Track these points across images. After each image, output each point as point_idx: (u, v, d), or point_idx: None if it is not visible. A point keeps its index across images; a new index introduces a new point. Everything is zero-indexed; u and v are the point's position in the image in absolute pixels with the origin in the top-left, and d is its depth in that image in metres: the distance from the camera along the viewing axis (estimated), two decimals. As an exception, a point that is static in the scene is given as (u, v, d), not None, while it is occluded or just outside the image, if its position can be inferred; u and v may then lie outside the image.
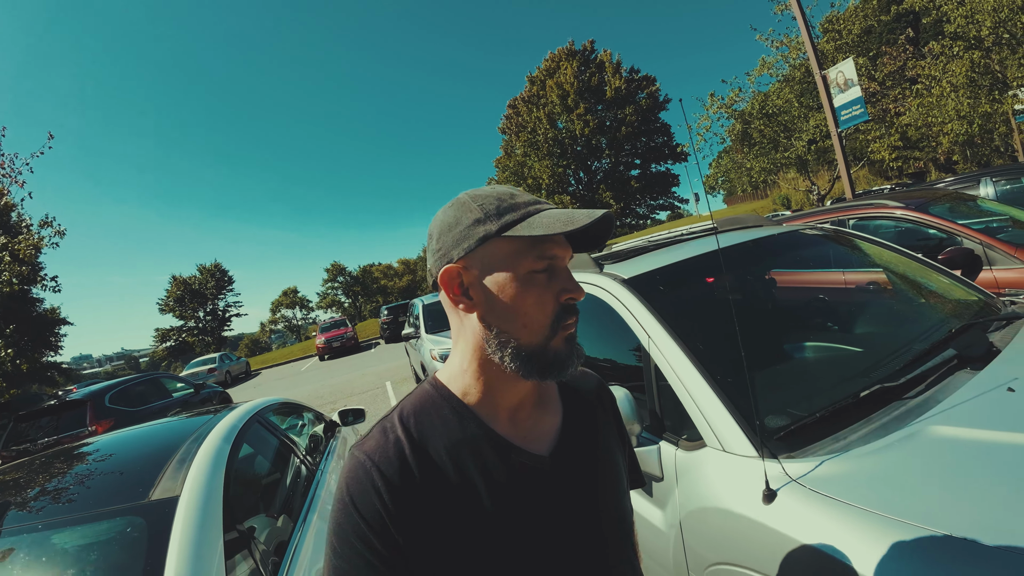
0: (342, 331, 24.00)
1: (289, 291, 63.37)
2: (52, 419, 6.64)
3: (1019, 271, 3.57)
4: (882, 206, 4.42)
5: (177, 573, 1.16)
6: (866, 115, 10.50)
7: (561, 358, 0.69)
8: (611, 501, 0.79)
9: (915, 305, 2.33)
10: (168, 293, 50.67)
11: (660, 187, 28.61)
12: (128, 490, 1.54)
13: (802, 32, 11.08)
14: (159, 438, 2.02)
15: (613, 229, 0.72)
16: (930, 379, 1.48)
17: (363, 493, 0.65)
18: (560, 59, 27.25)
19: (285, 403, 2.89)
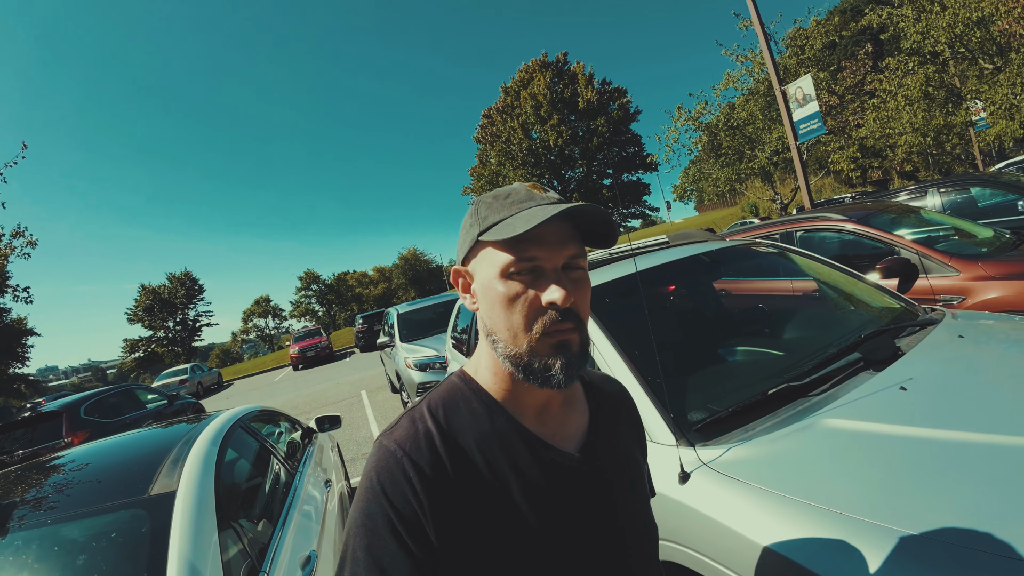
0: (316, 340, 23.79)
1: (261, 300, 62.41)
2: (27, 431, 6.57)
3: (953, 279, 3.82)
4: (827, 219, 4.69)
5: (180, 558, 1.33)
6: (823, 129, 11.01)
7: (545, 365, 0.67)
8: (637, 503, 0.80)
9: (838, 313, 2.60)
10: (137, 303, 49.46)
11: (632, 196, 29.25)
12: (129, 487, 1.71)
13: (763, 49, 11.59)
14: (150, 442, 2.17)
15: (607, 220, 0.70)
16: (835, 379, 1.73)
17: (394, 483, 0.65)
18: (534, 70, 27.78)
19: (264, 410, 3.05)
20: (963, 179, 6.78)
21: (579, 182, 28.54)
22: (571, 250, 0.68)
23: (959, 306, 3.71)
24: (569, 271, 0.68)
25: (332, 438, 4.14)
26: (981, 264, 3.76)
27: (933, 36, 11.76)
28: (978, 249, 4.17)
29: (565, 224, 0.68)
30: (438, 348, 6.98)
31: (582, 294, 0.69)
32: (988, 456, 1.19)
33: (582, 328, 0.68)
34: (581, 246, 0.70)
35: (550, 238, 0.67)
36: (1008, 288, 3.56)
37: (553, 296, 0.65)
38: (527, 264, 0.67)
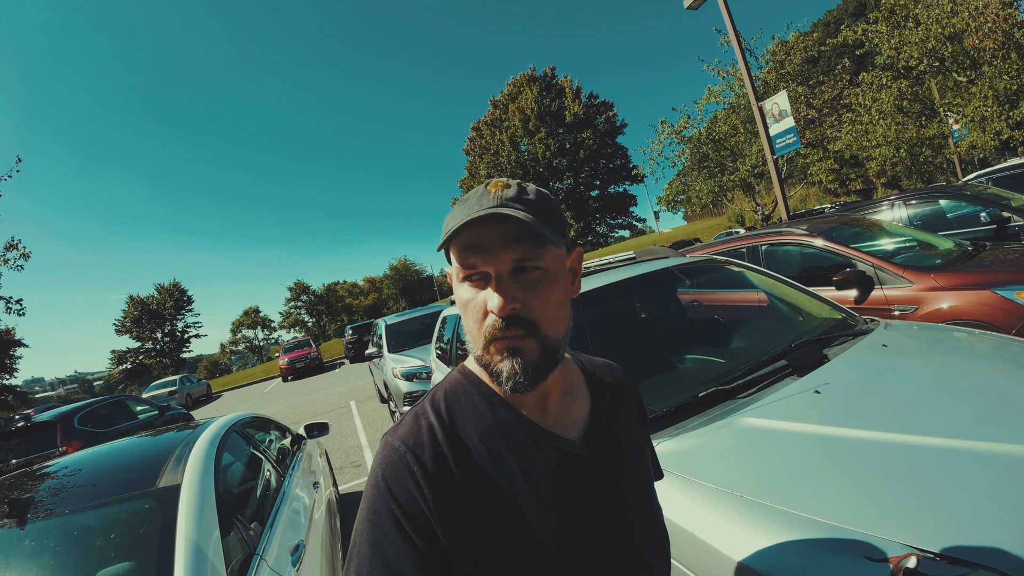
0: (306, 351, 23.87)
1: (251, 311, 62.06)
2: (21, 441, 6.68)
3: (906, 289, 4.05)
4: (790, 233, 4.94)
5: (187, 540, 1.54)
6: (799, 143, 11.37)
7: (497, 370, 0.68)
8: (642, 486, 0.81)
9: (782, 323, 2.85)
10: (125, 314, 49.18)
11: (618, 207, 29.70)
12: (138, 481, 1.92)
13: (740, 66, 11.97)
14: (153, 445, 2.37)
15: (532, 223, 0.65)
16: (762, 383, 1.97)
17: (398, 479, 0.66)
18: (522, 84, 28.30)
19: (256, 417, 3.26)
20: (929, 192, 7.06)
21: (567, 193, 28.96)
22: (516, 253, 0.66)
23: (912, 315, 3.94)
24: (523, 274, 0.67)
25: (320, 445, 4.32)
26: (933, 275, 3.98)
27: (906, 51, 12.20)
28: (933, 261, 4.37)
29: (510, 225, 0.66)
30: (425, 358, 7.18)
31: (537, 297, 0.67)
32: (875, 451, 1.42)
33: (536, 332, 0.67)
34: (534, 246, 0.67)
35: (489, 243, 0.66)
36: (958, 298, 3.78)
37: (490, 305, 0.66)
38: (471, 270, 0.68)
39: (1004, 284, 3.65)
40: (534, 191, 0.71)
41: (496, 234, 0.66)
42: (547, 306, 0.68)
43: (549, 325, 0.68)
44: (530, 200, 0.68)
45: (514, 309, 0.65)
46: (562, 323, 0.71)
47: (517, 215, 0.64)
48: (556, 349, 0.69)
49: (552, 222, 0.68)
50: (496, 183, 0.71)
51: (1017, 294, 3.56)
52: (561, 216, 0.72)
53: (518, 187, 0.70)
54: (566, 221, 0.74)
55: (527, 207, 0.67)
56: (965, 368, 1.98)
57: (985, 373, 1.93)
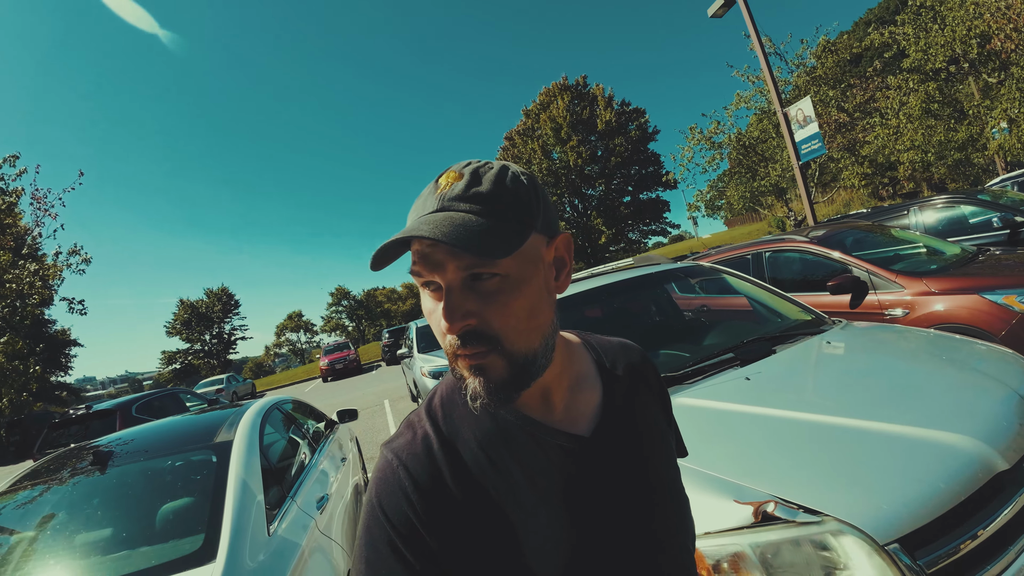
0: (345, 353, 24.79)
1: (294, 315, 64.08)
2: (81, 428, 7.38)
3: (898, 294, 4.17)
4: (792, 240, 5.16)
5: (237, 479, 2.00)
6: (823, 149, 11.39)
7: (464, 384, 0.61)
8: (661, 478, 0.75)
9: (755, 323, 3.17)
10: (175, 316, 51.72)
11: (651, 213, 29.73)
12: (199, 438, 2.43)
13: (764, 72, 12.06)
14: (211, 417, 2.89)
15: (455, 237, 0.54)
16: (709, 372, 2.31)
17: (391, 496, 0.62)
18: (554, 93, 28.68)
19: (295, 401, 3.79)
20: (942, 199, 7.14)
21: (598, 200, 29.21)
22: (464, 261, 0.56)
23: (904, 319, 4.08)
24: (479, 282, 0.58)
25: (352, 432, 4.82)
26: (925, 280, 4.10)
27: (932, 54, 12.08)
28: (928, 266, 4.52)
29: (455, 228, 0.56)
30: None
31: (495, 309, 0.58)
32: (769, 424, 1.78)
33: (498, 347, 0.59)
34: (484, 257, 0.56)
35: (431, 253, 0.58)
36: (947, 302, 3.89)
37: (442, 323, 0.58)
38: (422, 280, 0.60)
39: (992, 288, 3.75)
40: (492, 178, 0.60)
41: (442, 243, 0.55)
42: (509, 317, 0.59)
43: (515, 337, 0.59)
44: (482, 194, 0.58)
45: (467, 326, 0.57)
46: (536, 330, 0.62)
47: (436, 236, 0.53)
48: (530, 362, 0.61)
49: (513, 215, 0.59)
50: (448, 175, 0.62)
51: (1005, 298, 3.65)
52: (528, 202, 0.61)
53: (471, 176, 0.60)
54: (539, 205, 0.63)
55: (476, 204, 0.58)
56: (883, 362, 2.29)
57: (898, 367, 2.23)
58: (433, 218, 0.57)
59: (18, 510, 2.25)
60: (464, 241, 0.53)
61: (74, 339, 35.42)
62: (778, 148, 17.25)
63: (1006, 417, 1.67)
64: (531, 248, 0.62)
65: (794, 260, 5.24)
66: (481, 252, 0.54)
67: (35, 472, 2.54)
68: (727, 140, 17.70)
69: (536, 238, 0.63)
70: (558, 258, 0.68)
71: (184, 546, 1.74)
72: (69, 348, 35.23)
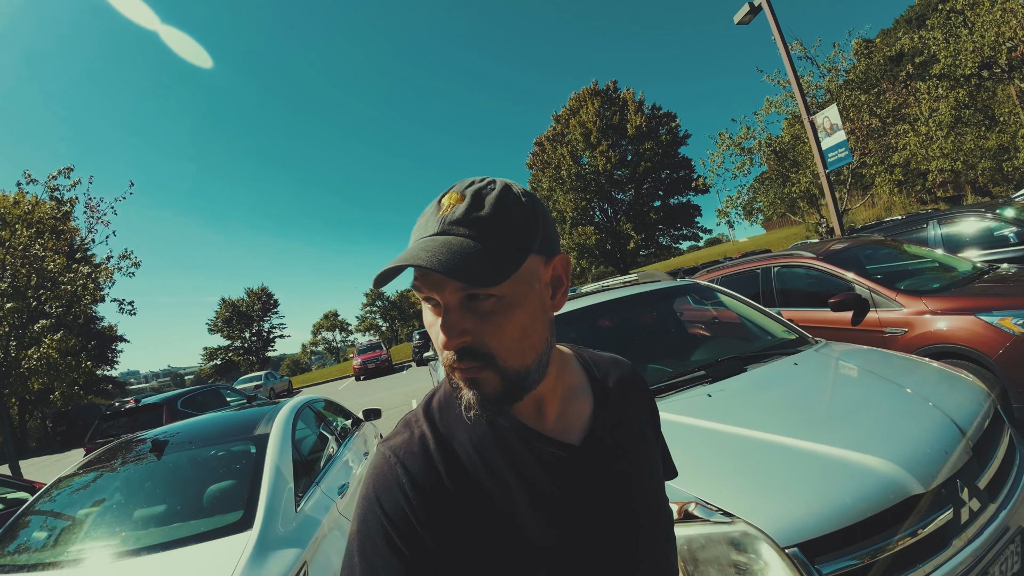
0: (377, 353, 25.57)
1: (330, 314, 65.81)
2: (130, 420, 8.08)
3: (898, 313, 4.21)
4: (800, 256, 5.26)
5: (271, 465, 2.40)
6: (850, 157, 11.28)
7: (460, 396, 0.64)
8: (647, 490, 0.78)
9: (742, 340, 3.40)
10: (217, 314, 53.92)
11: (682, 218, 29.58)
12: (243, 431, 2.86)
13: (791, 79, 12.00)
14: (251, 412, 3.33)
15: (449, 265, 0.56)
16: (680, 387, 2.56)
17: (388, 490, 0.64)
18: (584, 98, 28.81)
19: (326, 400, 4.24)
20: (958, 211, 7.10)
21: (628, 205, 29.25)
22: (446, 289, 0.60)
23: (902, 338, 4.11)
24: (475, 302, 0.61)
25: (376, 429, 5.23)
26: (924, 299, 4.12)
27: (962, 60, 11.84)
28: (931, 284, 4.53)
29: (452, 250, 0.58)
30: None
31: (490, 328, 0.61)
32: (714, 437, 2.02)
33: (493, 365, 0.62)
34: (477, 286, 0.58)
35: (430, 274, 0.60)
36: (944, 322, 3.91)
37: (439, 338, 0.62)
38: (423, 295, 0.63)
39: (988, 310, 3.75)
40: (492, 201, 0.62)
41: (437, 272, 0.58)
42: (504, 336, 0.62)
43: (508, 356, 0.63)
44: (481, 218, 0.61)
45: (463, 343, 0.61)
46: (529, 349, 0.65)
47: (432, 266, 0.55)
48: (522, 378, 0.65)
49: (511, 238, 0.62)
50: (451, 196, 0.64)
51: (1000, 320, 3.66)
52: (527, 225, 0.64)
53: (472, 199, 0.62)
54: (536, 228, 0.66)
55: (474, 229, 0.60)
56: (836, 384, 2.51)
57: (848, 390, 2.44)
58: (432, 243, 0.59)
59: (87, 488, 2.72)
60: (459, 271, 0.56)
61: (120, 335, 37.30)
62: (810, 153, 17.04)
63: (931, 444, 1.83)
64: (527, 270, 0.64)
65: (801, 276, 5.31)
66: (474, 281, 0.56)
67: (99, 458, 3.01)
68: (756, 146, 17.59)
69: (533, 259, 0.65)
70: (555, 277, 0.70)
71: (227, 518, 2.13)
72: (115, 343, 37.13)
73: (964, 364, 3.77)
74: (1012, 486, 1.96)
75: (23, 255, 11.28)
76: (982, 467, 1.90)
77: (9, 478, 5.14)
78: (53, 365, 11.50)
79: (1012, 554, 1.82)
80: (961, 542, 1.71)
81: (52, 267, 11.49)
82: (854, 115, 15.17)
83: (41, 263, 11.42)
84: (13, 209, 11.67)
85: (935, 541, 1.67)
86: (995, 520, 1.81)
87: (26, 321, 11.52)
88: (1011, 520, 1.86)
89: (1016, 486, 1.96)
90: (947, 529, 1.69)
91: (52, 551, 2.27)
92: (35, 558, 2.23)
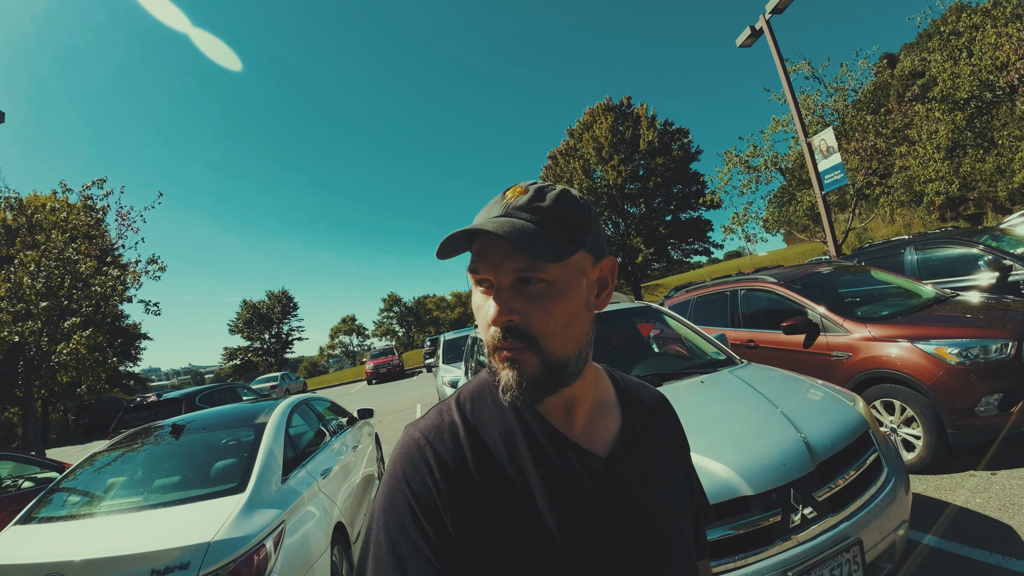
0: (389, 359, 26.31)
1: (348, 319, 66.80)
2: (151, 413, 8.78)
3: (844, 338, 4.46)
4: (763, 281, 5.56)
5: (266, 448, 2.99)
6: (846, 179, 11.45)
7: (499, 381, 0.66)
8: (671, 512, 0.76)
9: (677, 357, 3.87)
10: (238, 315, 55.25)
11: (694, 233, 29.83)
12: (246, 420, 3.47)
13: (788, 100, 12.29)
14: (255, 406, 3.92)
15: (515, 237, 0.61)
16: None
17: (415, 469, 0.65)
18: (598, 113, 29.26)
19: (322, 398, 4.88)
20: (935, 238, 7.32)
21: (638, 219, 29.62)
22: (518, 263, 0.63)
23: (847, 362, 4.37)
24: (527, 285, 0.64)
25: (372, 428, 5.81)
26: (868, 326, 4.34)
27: (959, 83, 11.96)
28: (881, 311, 4.75)
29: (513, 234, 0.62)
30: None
31: (538, 311, 0.64)
32: None
33: (536, 347, 0.64)
34: (535, 258, 0.62)
35: (491, 251, 0.65)
36: (883, 349, 4.14)
37: (488, 315, 0.65)
38: (477, 276, 0.67)
39: (927, 338, 3.94)
40: (553, 197, 0.67)
41: (498, 243, 0.64)
42: (549, 321, 0.64)
43: (551, 341, 0.64)
44: (542, 208, 0.65)
45: (510, 322, 0.64)
46: (572, 339, 0.67)
47: (499, 232, 0.61)
48: (562, 367, 0.66)
49: (566, 231, 0.66)
50: (515, 188, 0.70)
51: (937, 349, 3.85)
52: (582, 224, 0.68)
53: (535, 192, 0.68)
54: (590, 228, 0.69)
55: (536, 215, 0.65)
56: (723, 400, 2.84)
57: (728, 405, 2.77)
58: (497, 220, 0.64)
59: (116, 461, 3.34)
60: (520, 241, 0.60)
61: (144, 333, 38.56)
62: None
63: (771, 456, 2.13)
64: (577, 263, 0.67)
65: (763, 299, 5.60)
66: (533, 253, 0.60)
67: (126, 438, 3.63)
68: (763, 164, 17.91)
69: (584, 256, 0.68)
70: (601, 278, 0.73)
71: (227, 486, 2.73)
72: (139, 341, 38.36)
73: (901, 389, 4.01)
74: (865, 503, 2.23)
75: (57, 258, 12.24)
76: (824, 481, 2.17)
77: (42, 459, 5.81)
78: (81, 360, 12.43)
79: (847, 562, 2.05)
80: (791, 543, 1.98)
81: (84, 269, 12.43)
82: (859, 135, 15.40)
83: (74, 266, 12.36)
84: (49, 216, 12.67)
85: (758, 538, 1.96)
86: (834, 529, 2.07)
87: (57, 319, 12.43)
88: (853, 531, 2.10)
89: (868, 504, 2.23)
90: (772, 529, 1.99)
91: (88, 506, 2.89)
92: (75, 511, 2.85)
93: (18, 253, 12.42)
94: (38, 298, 11.83)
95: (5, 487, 5.06)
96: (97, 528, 2.59)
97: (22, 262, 12.00)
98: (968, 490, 3.56)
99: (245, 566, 2.22)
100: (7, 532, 2.73)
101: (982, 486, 3.57)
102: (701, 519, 0.92)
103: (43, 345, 12.25)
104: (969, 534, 3.04)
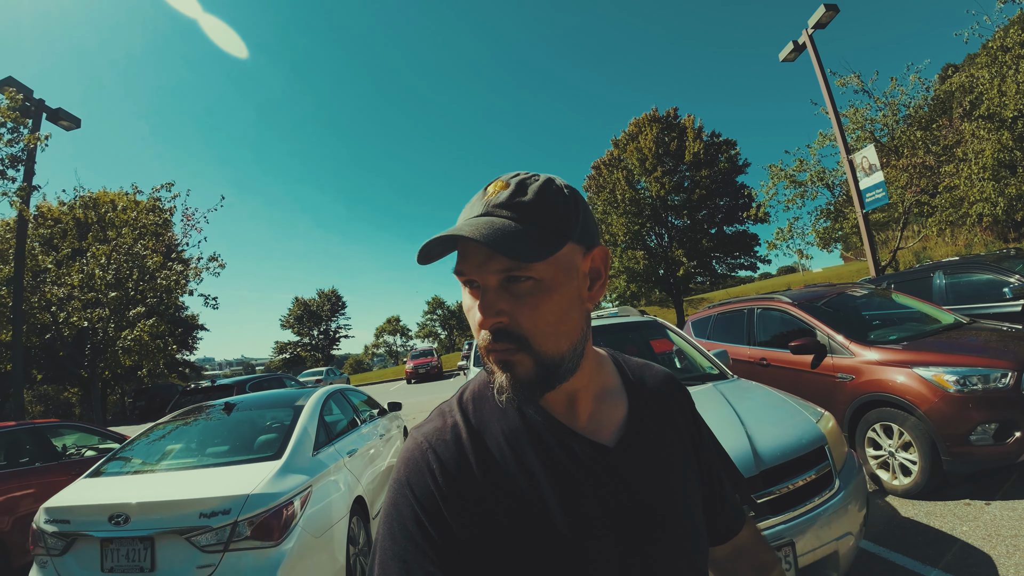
0: (428, 360, 27.19)
1: (392, 319, 68.09)
2: (205, 397, 9.74)
3: (848, 360, 4.53)
4: (778, 301, 5.71)
5: (302, 427, 3.53)
6: (887, 198, 11.18)
7: (493, 382, 0.66)
8: (677, 495, 0.75)
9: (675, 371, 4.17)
10: (290, 311, 57.79)
11: (739, 247, 29.30)
12: (287, 403, 4.02)
13: (831, 114, 12.12)
14: (295, 391, 4.54)
15: (493, 239, 0.59)
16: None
17: (418, 474, 0.66)
18: (643, 124, 29.15)
19: (356, 390, 5.50)
20: (968, 262, 7.32)
21: (681, 232, 29.37)
22: (502, 263, 0.61)
23: (850, 384, 4.45)
24: (514, 284, 0.63)
25: (401, 420, 6.36)
26: (872, 349, 4.40)
27: (1006, 101, 11.51)
28: (890, 335, 4.82)
29: (494, 232, 0.60)
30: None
31: (526, 311, 0.62)
32: None
33: (527, 347, 0.63)
34: (517, 259, 0.60)
35: (473, 253, 0.63)
36: (884, 373, 4.20)
37: (476, 317, 0.64)
38: (463, 279, 0.66)
39: (927, 364, 3.99)
40: (535, 190, 0.65)
41: (476, 244, 0.61)
42: (539, 319, 0.63)
43: (543, 340, 0.63)
44: (524, 203, 0.64)
45: (499, 323, 0.63)
46: (564, 335, 0.66)
47: (476, 237, 0.59)
48: (556, 364, 0.65)
49: (550, 225, 0.64)
50: (496, 183, 0.68)
51: (935, 375, 3.90)
52: (567, 215, 0.66)
53: (516, 187, 0.66)
54: (576, 218, 0.67)
55: (516, 212, 0.63)
56: (700, 409, 3.10)
57: (707, 413, 2.81)
58: (477, 221, 0.62)
59: (175, 431, 3.94)
60: (497, 244, 0.58)
61: (201, 324, 40.77)
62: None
63: None
64: (566, 257, 0.65)
65: (776, 318, 5.72)
66: (515, 255, 0.58)
67: (182, 414, 4.25)
68: (809, 179, 17.60)
69: (572, 248, 0.66)
70: (594, 269, 0.71)
71: (266, 454, 3.29)
72: (196, 331, 40.55)
73: (899, 414, 4.08)
74: (807, 511, 2.40)
75: (127, 253, 13.60)
76: (767, 486, 2.38)
77: (106, 430, 6.62)
78: (144, 345, 13.70)
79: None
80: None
81: (150, 264, 13.77)
82: (908, 152, 14.98)
83: (142, 260, 13.72)
84: (120, 215, 14.09)
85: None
86: (768, 530, 2.27)
87: (124, 307, 13.76)
88: (787, 534, 2.29)
89: (810, 512, 2.41)
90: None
91: (147, 465, 3.50)
92: (136, 468, 3.46)
93: (90, 247, 13.84)
94: (107, 288, 13.23)
95: (70, 454, 5.78)
96: (155, 481, 3.16)
97: (94, 255, 13.41)
98: (958, 518, 3.57)
99: (275, 517, 2.72)
100: (78, 482, 3.31)
101: (972, 515, 3.58)
102: (727, 492, 0.91)
103: (110, 331, 13.58)
104: (945, 559, 3.08)
